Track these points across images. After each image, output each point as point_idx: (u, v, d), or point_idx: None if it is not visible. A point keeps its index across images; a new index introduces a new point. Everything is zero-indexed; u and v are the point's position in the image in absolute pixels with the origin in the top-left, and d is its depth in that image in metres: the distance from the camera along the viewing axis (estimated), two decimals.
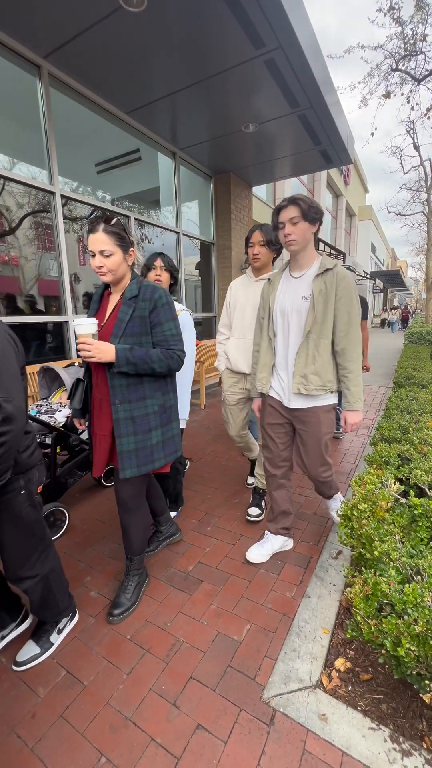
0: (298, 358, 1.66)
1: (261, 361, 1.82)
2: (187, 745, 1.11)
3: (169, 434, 1.59)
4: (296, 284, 1.68)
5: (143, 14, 2.75)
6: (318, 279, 1.60)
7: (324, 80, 3.71)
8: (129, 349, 1.39)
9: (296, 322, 1.66)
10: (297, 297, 1.65)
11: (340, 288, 1.59)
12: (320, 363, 1.64)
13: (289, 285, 1.71)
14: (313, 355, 1.63)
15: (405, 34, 8.47)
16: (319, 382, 1.64)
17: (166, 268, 2.03)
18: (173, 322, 1.51)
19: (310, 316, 1.60)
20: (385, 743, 1.09)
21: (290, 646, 1.42)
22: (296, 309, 1.65)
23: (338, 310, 1.61)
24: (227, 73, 3.44)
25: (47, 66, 3.37)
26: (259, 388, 1.83)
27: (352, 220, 20.93)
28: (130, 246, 1.48)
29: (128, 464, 1.46)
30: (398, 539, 1.28)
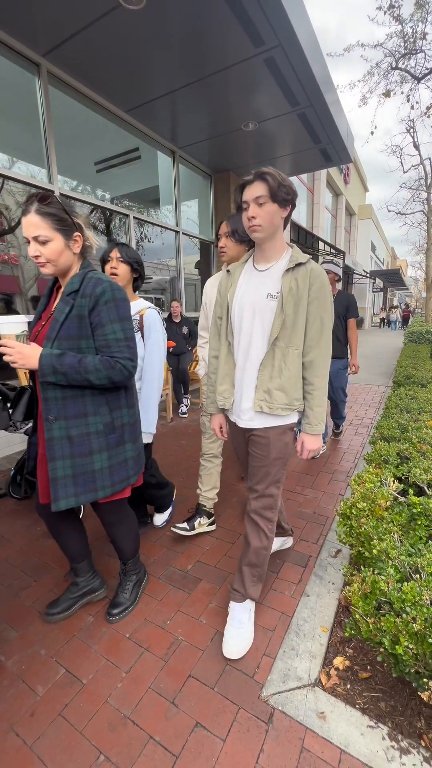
0: (263, 370, 1.36)
1: (221, 371, 1.49)
2: (186, 743, 1.11)
3: (120, 458, 1.34)
4: (261, 279, 1.36)
5: (142, 12, 2.75)
6: (288, 275, 1.31)
7: (324, 79, 3.71)
8: (58, 355, 1.16)
9: (260, 326, 1.35)
10: (261, 294, 1.34)
11: (314, 288, 1.30)
12: (287, 377, 1.34)
13: (252, 279, 1.39)
14: (280, 368, 1.34)
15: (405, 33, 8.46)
16: (284, 400, 1.35)
17: (123, 259, 1.75)
18: (119, 324, 1.25)
19: (278, 319, 1.29)
20: (383, 741, 1.10)
21: (289, 645, 1.42)
22: (260, 309, 1.34)
23: (310, 315, 1.31)
24: (227, 71, 3.44)
25: (46, 64, 3.36)
26: (220, 403, 1.50)
27: (352, 219, 20.91)
28: (75, 230, 1.23)
29: (62, 493, 1.24)
30: (397, 538, 1.29)
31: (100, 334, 1.24)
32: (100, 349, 1.24)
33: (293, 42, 3.04)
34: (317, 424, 1.39)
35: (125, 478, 1.38)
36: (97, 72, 3.52)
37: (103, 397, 1.29)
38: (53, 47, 3.17)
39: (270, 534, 1.47)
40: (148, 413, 1.81)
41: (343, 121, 4.70)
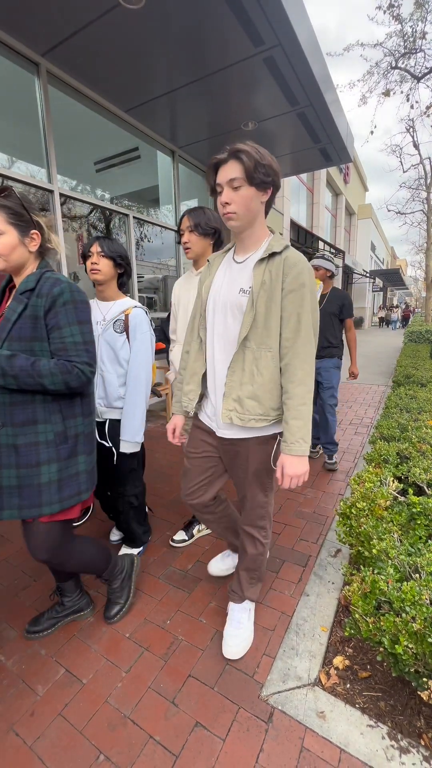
0: (231, 374, 1.20)
1: (189, 369, 1.36)
2: (186, 742, 1.11)
3: (71, 471, 1.23)
4: (237, 272, 1.23)
5: (142, 11, 2.74)
6: (261, 267, 1.16)
7: (323, 78, 3.70)
8: (8, 356, 1.09)
9: (232, 324, 1.21)
10: (234, 289, 1.20)
11: (289, 279, 1.13)
12: (260, 383, 1.17)
13: (229, 272, 1.26)
14: (251, 372, 1.17)
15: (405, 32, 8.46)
16: (258, 411, 1.18)
17: (105, 254, 1.62)
18: (78, 327, 1.17)
19: (248, 316, 1.15)
20: (383, 740, 1.10)
21: (289, 644, 1.42)
22: (231, 305, 1.20)
23: (285, 311, 1.15)
24: (226, 70, 3.43)
25: (45, 64, 3.35)
26: (184, 404, 1.36)
27: (352, 218, 20.91)
28: (32, 227, 1.18)
29: (6, 503, 1.17)
30: (396, 537, 1.29)
31: (57, 337, 1.16)
32: (56, 352, 1.16)
33: (293, 41, 3.04)
34: (294, 443, 1.14)
35: (76, 493, 1.24)
36: (97, 71, 3.51)
37: (56, 403, 1.19)
38: (52, 47, 3.16)
39: (265, 540, 1.44)
40: (133, 420, 1.69)
41: (343, 121, 4.69)
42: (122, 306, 1.72)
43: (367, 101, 9.89)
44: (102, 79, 3.63)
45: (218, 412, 1.27)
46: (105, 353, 1.70)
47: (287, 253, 1.16)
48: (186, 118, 4.37)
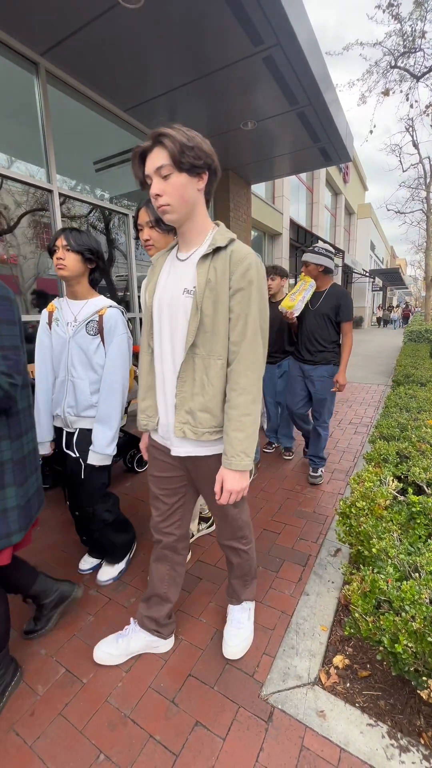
0: (181, 384, 1.10)
1: (144, 383, 1.23)
2: (186, 742, 1.11)
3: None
4: (181, 271, 1.11)
5: (141, 11, 2.74)
6: (205, 263, 1.04)
7: (323, 77, 3.70)
8: None
9: (177, 330, 1.10)
10: (179, 290, 1.09)
11: (236, 277, 1.02)
12: (212, 394, 1.08)
13: (173, 271, 1.14)
14: (202, 382, 1.08)
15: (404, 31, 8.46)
16: (212, 423, 1.10)
17: (72, 248, 1.46)
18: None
19: (193, 320, 1.04)
20: (383, 739, 1.10)
21: (288, 644, 1.43)
22: (176, 308, 1.09)
23: (232, 312, 1.05)
24: (225, 70, 3.43)
25: (45, 63, 3.35)
26: (143, 422, 1.24)
27: (352, 218, 20.91)
28: None
29: None
30: (396, 537, 1.29)
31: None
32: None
33: (292, 41, 3.04)
34: (234, 456, 1.05)
35: (4, 535, 1.06)
36: (96, 71, 3.51)
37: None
38: (52, 46, 3.16)
39: (247, 545, 1.38)
40: (106, 431, 1.53)
41: (342, 120, 4.69)
42: (96, 306, 1.56)
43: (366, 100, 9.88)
44: (101, 78, 3.62)
45: (171, 427, 1.17)
46: (77, 358, 1.54)
47: (233, 247, 1.05)
48: (185, 117, 4.37)
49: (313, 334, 2.61)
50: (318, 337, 2.61)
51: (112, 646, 1.37)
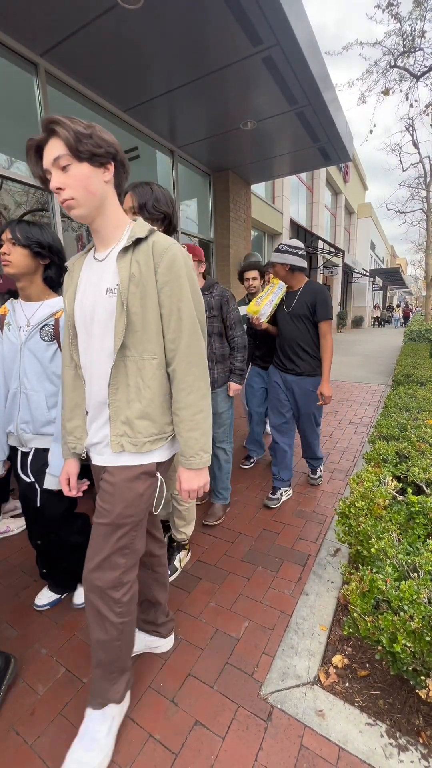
0: (114, 392, 1.00)
1: (69, 401, 1.13)
2: (186, 741, 1.11)
3: None
4: (100, 271, 1.02)
5: (140, 11, 2.74)
6: (126, 258, 0.96)
7: (322, 77, 3.71)
8: None
9: (105, 333, 1.00)
10: (100, 291, 0.99)
11: (162, 269, 0.96)
12: (149, 398, 1.00)
13: (92, 273, 1.04)
14: (137, 387, 1.00)
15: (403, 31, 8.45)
16: (152, 430, 1.02)
17: (19, 242, 1.31)
18: None
19: (120, 320, 0.95)
20: (381, 738, 1.10)
21: (288, 643, 1.43)
22: (100, 311, 0.99)
23: (164, 307, 0.98)
24: (225, 70, 3.43)
25: (44, 64, 3.35)
26: (70, 445, 1.14)
27: (352, 217, 20.90)
28: None
29: None
30: (395, 536, 1.29)
31: None
32: None
33: (291, 41, 3.04)
34: (193, 456, 1.01)
35: None
36: (95, 71, 3.51)
37: None
38: (51, 47, 3.16)
39: (119, 619, 1.06)
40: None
41: (342, 120, 4.69)
42: (51, 307, 1.40)
43: (366, 100, 9.87)
44: (100, 78, 3.63)
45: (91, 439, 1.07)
46: (30, 366, 1.36)
47: (154, 238, 0.99)
48: (185, 117, 4.37)
49: (294, 340, 2.33)
50: (300, 342, 2.32)
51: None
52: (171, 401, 1.05)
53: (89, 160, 0.91)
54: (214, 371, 2.13)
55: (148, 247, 0.98)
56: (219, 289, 2.12)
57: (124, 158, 0.98)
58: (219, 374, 2.15)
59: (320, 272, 14.63)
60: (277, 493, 2.46)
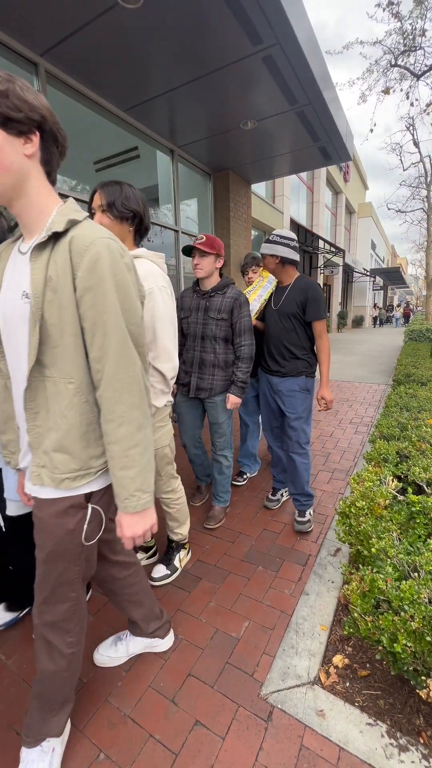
0: (32, 416, 0.86)
1: (2, 412, 1.02)
2: (186, 741, 1.11)
3: None
4: (21, 267, 0.85)
5: (140, 11, 2.74)
6: (41, 256, 0.80)
7: (322, 76, 3.70)
8: None
9: (20, 344, 0.85)
10: (18, 294, 0.84)
11: (82, 272, 0.79)
12: (66, 428, 0.85)
13: (15, 269, 0.87)
14: (55, 413, 0.85)
15: (404, 30, 8.43)
16: (71, 465, 0.87)
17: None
18: None
19: (34, 333, 0.80)
20: (382, 738, 1.10)
21: (288, 643, 1.43)
22: (16, 317, 0.84)
23: (85, 320, 0.81)
24: (225, 70, 3.43)
25: (44, 64, 3.35)
26: (6, 459, 1.05)
27: (352, 217, 20.88)
28: None
29: None
30: (396, 536, 1.29)
31: None
32: None
33: (292, 40, 3.03)
34: (129, 498, 0.86)
35: None
36: (96, 71, 3.51)
37: None
38: (51, 46, 3.16)
39: (69, 650, 0.99)
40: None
41: (342, 119, 4.68)
42: None
43: (366, 99, 9.86)
44: (101, 78, 3.62)
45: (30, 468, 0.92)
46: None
47: (75, 232, 0.80)
48: (185, 117, 4.37)
49: (280, 340, 2.10)
50: (286, 343, 2.08)
51: (111, 650, 1.36)
52: (97, 431, 0.89)
53: (3, 126, 0.72)
54: (214, 377, 2.02)
55: (66, 244, 0.79)
56: (233, 291, 2.01)
57: (55, 127, 0.80)
58: (219, 381, 2.03)
59: (321, 272, 14.62)
60: (277, 494, 2.43)
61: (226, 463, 2.24)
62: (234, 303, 1.99)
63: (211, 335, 1.99)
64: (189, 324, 2.04)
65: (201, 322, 2.01)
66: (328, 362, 2.08)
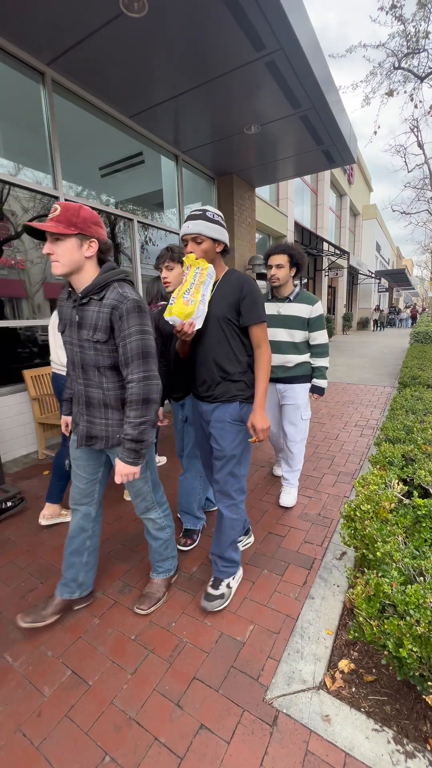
0: None
1: None
2: (191, 744, 1.11)
3: None
4: None
5: (144, 19, 2.78)
6: None
7: (325, 80, 3.72)
8: None
9: None
10: None
11: None
12: None
13: None
14: None
15: (407, 32, 8.44)
16: None
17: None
18: None
19: None
20: (388, 745, 1.09)
21: (293, 647, 1.42)
22: None
23: None
24: (228, 75, 3.46)
25: (51, 73, 3.41)
26: None
27: (357, 219, 20.83)
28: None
29: None
30: (401, 540, 1.28)
31: None
32: None
33: (294, 45, 3.06)
34: None
35: None
36: (101, 79, 3.57)
37: None
38: (57, 56, 3.22)
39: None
40: None
41: (346, 122, 4.70)
42: None
43: (370, 102, 9.86)
44: (106, 86, 3.68)
45: None
46: None
47: None
48: (189, 122, 4.41)
49: (208, 355, 1.55)
50: (218, 358, 1.54)
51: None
52: None
53: None
54: (108, 420, 1.41)
55: None
56: (116, 293, 1.30)
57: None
58: (116, 426, 1.41)
59: (325, 274, 14.59)
60: (219, 585, 1.65)
61: (156, 526, 1.64)
62: (113, 314, 1.28)
63: (93, 363, 1.35)
64: (65, 343, 1.42)
65: (77, 343, 1.36)
66: (266, 379, 1.52)
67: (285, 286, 2.29)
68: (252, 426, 1.50)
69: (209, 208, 1.50)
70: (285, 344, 2.31)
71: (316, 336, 2.32)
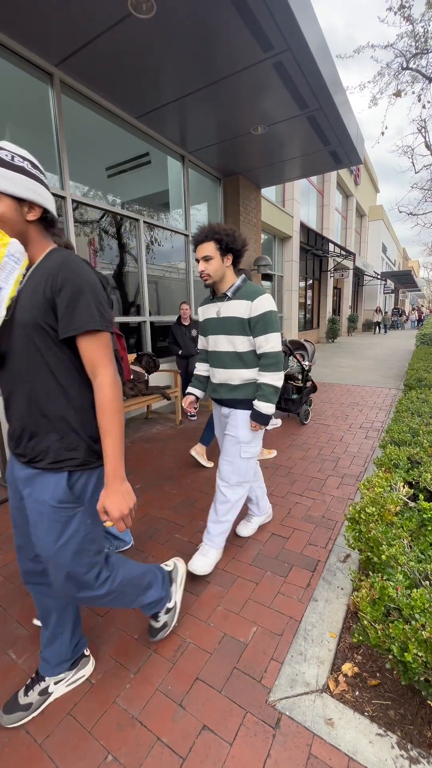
0: None
1: None
2: (193, 745, 1.11)
3: None
4: None
5: (152, 21, 2.79)
6: None
7: (333, 81, 3.71)
8: None
9: None
10: None
11: None
12: None
13: None
14: None
15: (416, 33, 8.39)
16: None
17: None
18: None
19: None
20: (392, 750, 1.08)
21: (297, 650, 1.42)
22: None
23: None
24: (236, 76, 3.46)
25: (59, 74, 3.44)
26: None
27: (363, 220, 20.73)
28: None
29: None
30: (407, 543, 1.27)
31: None
32: None
33: (302, 46, 3.05)
34: None
35: None
36: (108, 80, 3.59)
37: None
38: (65, 57, 3.24)
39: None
40: None
41: (353, 123, 4.68)
42: None
43: (377, 102, 9.82)
44: (113, 87, 3.70)
45: None
46: None
47: None
48: (196, 123, 4.42)
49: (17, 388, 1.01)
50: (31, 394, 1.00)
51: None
52: None
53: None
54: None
55: None
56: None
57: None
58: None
59: (331, 275, 14.54)
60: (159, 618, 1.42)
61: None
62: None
63: None
64: None
65: None
66: (116, 431, 0.99)
67: (222, 280, 1.74)
68: (105, 509, 0.98)
69: (6, 145, 0.92)
70: (227, 355, 1.77)
71: (261, 342, 1.70)
